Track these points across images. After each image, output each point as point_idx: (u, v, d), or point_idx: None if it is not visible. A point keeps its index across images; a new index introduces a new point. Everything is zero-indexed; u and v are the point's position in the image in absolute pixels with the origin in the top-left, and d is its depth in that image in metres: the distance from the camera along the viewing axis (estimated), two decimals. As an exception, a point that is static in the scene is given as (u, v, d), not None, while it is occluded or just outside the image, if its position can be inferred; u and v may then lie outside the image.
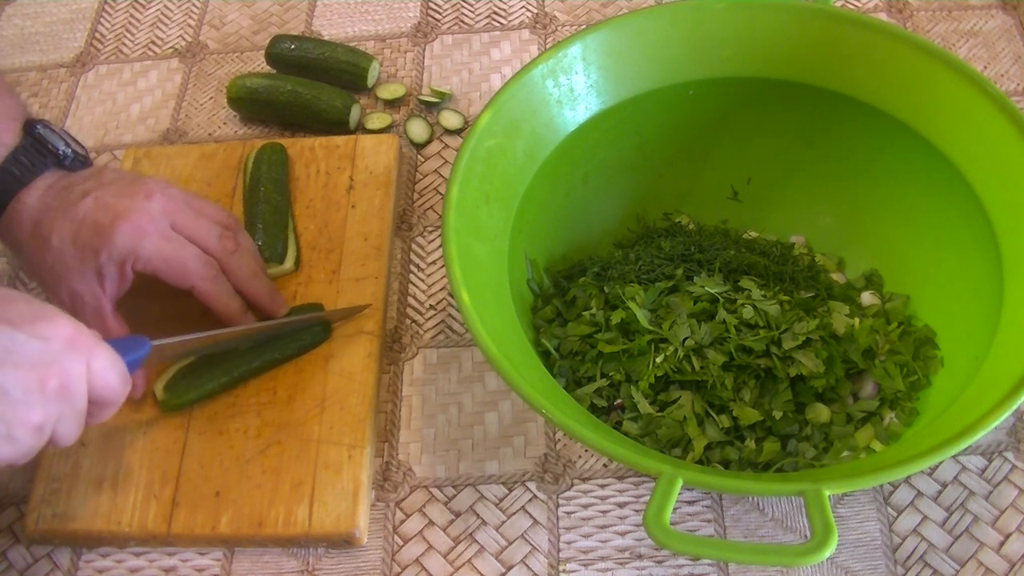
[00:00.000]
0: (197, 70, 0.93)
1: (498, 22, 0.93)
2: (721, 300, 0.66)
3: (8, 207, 0.65)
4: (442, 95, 0.87)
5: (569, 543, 0.64)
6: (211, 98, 0.91)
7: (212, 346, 0.68)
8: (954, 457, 0.65)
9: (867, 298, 0.70)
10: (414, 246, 0.79)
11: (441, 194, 0.82)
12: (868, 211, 0.72)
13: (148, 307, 0.69)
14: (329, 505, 0.64)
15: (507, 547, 0.64)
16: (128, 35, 0.97)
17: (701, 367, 0.64)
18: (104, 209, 0.64)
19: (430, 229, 0.80)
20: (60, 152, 0.66)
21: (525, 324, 0.67)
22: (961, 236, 0.65)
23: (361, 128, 0.87)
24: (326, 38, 0.93)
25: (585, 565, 0.63)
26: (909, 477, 0.65)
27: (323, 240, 0.77)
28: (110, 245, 0.63)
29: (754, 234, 0.76)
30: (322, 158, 0.82)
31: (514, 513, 0.66)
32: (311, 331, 0.70)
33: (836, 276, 0.73)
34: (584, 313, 0.68)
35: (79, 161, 0.68)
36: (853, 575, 0.61)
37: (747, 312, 0.65)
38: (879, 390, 0.65)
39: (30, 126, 0.66)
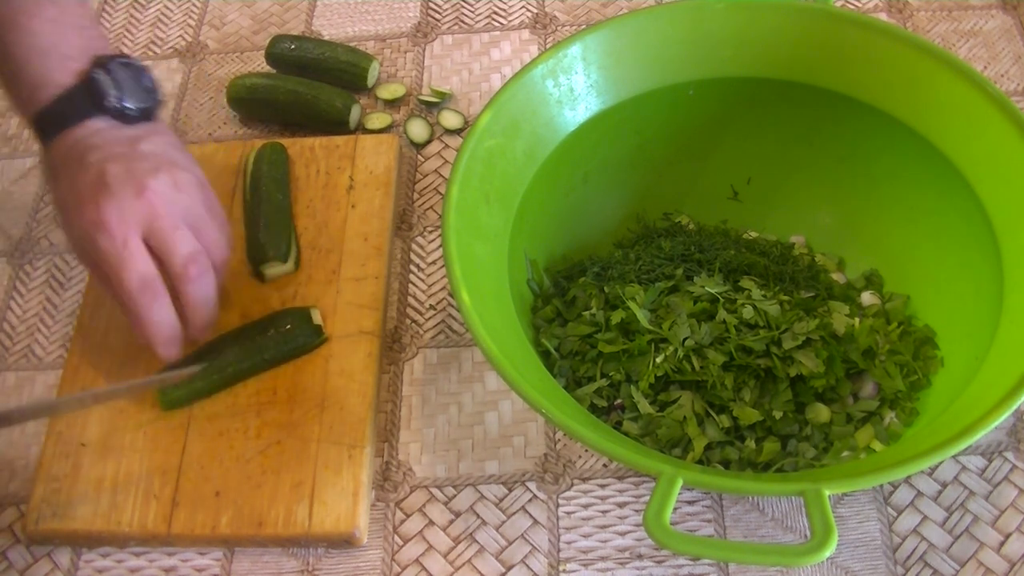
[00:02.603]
0: (197, 70, 0.93)
1: (498, 22, 0.94)
2: (721, 300, 0.66)
3: (52, 143, 0.65)
4: (442, 95, 0.87)
5: (569, 543, 0.64)
6: (211, 98, 0.91)
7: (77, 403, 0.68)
8: (954, 457, 0.65)
9: (867, 298, 0.70)
10: (414, 246, 0.79)
11: (441, 194, 0.82)
12: (868, 211, 0.72)
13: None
14: (329, 505, 0.64)
15: (507, 547, 0.64)
16: (128, 35, 0.97)
17: (701, 367, 0.64)
18: (95, 187, 0.62)
19: (430, 229, 0.80)
20: (107, 105, 0.64)
21: (525, 324, 0.67)
22: (961, 236, 0.65)
23: (361, 128, 0.87)
24: (326, 38, 0.93)
25: (585, 565, 0.63)
26: (909, 477, 0.65)
27: (323, 240, 0.77)
28: (75, 225, 0.62)
29: (754, 234, 0.76)
30: (322, 158, 0.82)
31: (514, 513, 0.66)
32: (304, 332, 0.70)
33: (836, 276, 0.73)
34: (584, 313, 0.68)
35: (130, 117, 0.66)
36: (853, 575, 0.61)
37: (747, 312, 0.65)
38: (879, 390, 0.65)
39: (97, 65, 0.65)
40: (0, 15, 0.64)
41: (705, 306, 0.66)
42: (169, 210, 0.63)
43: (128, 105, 0.65)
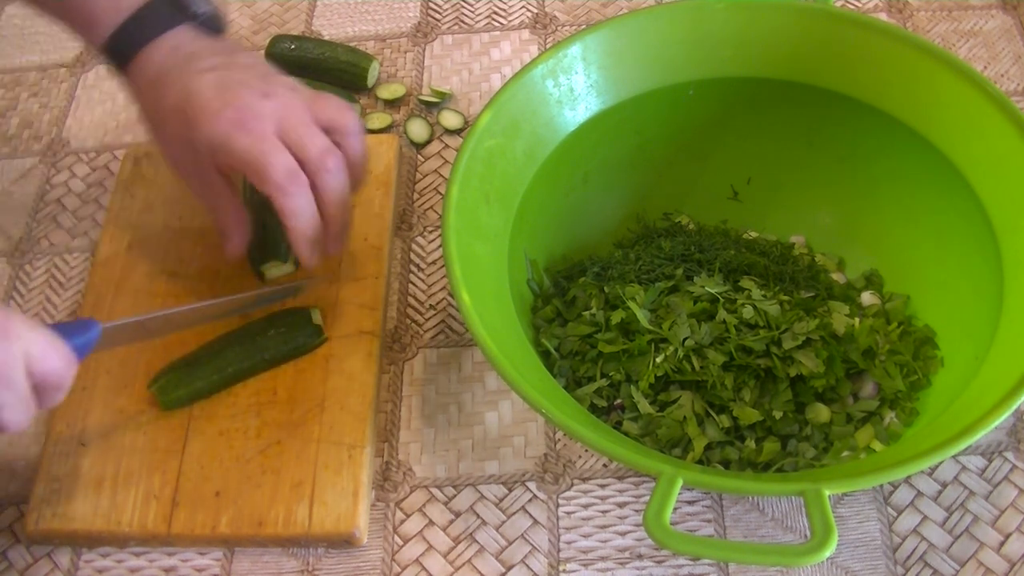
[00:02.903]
0: (197, 70, 0.93)
1: (498, 22, 0.94)
2: (721, 300, 0.66)
3: (136, 57, 0.64)
4: (442, 95, 0.87)
5: (569, 543, 0.64)
6: (211, 98, 0.91)
7: (173, 324, 0.67)
8: (954, 457, 0.65)
9: (867, 298, 0.70)
10: (414, 246, 0.79)
11: (441, 194, 0.82)
12: (868, 211, 0.72)
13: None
14: (329, 505, 0.64)
15: (507, 547, 0.64)
16: (128, 35, 0.97)
17: (701, 367, 0.64)
18: (219, 90, 0.62)
19: (430, 229, 0.80)
20: (192, 11, 0.65)
21: (525, 324, 0.67)
22: (961, 236, 0.65)
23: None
24: (326, 38, 0.93)
25: (585, 565, 0.63)
26: (909, 477, 0.65)
27: (323, 240, 0.77)
28: (208, 128, 0.62)
29: (754, 234, 0.76)
30: (322, 158, 0.81)
31: (514, 513, 0.66)
32: (304, 332, 0.70)
33: (836, 276, 0.73)
34: (584, 313, 0.68)
35: (214, 24, 0.66)
36: (853, 575, 0.61)
37: (747, 312, 0.65)
38: (879, 390, 0.65)
39: None
40: None
41: (705, 306, 0.66)
42: (296, 107, 0.63)
43: (213, 12, 0.65)
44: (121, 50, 0.65)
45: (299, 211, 0.63)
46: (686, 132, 0.73)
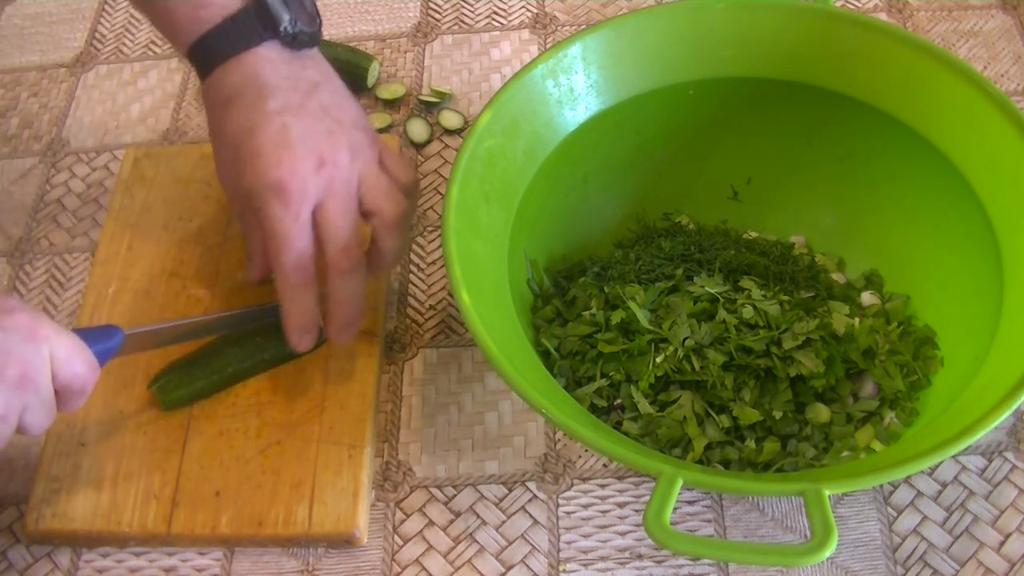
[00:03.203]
0: (197, 70, 0.93)
1: (498, 22, 0.94)
2: (721, 300, 0.66)
3: (213, 72, 0.62)
4: (442, 95, 0.88)
5: (569, 543, 0.64)
6: (211, 98, 0.91)
7: (193, 333, 0.67)
8: (954, 457, 0.65)
9: (867, 298, 0.70)
10: (414, 246, 0.79)
11: (441, 194, 0.82)
12: (868, 211, 0.72)
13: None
14: (329, 505, 0.64)
15: (507, 547, 0.64)
16: (128, 35, 0.97)
17: (701, 367, 0.64)
18: (277, 143, 0.60)
19: (430, 229, 0.80)
20: (281, 30, 0.61)
21: (525, 324, 0.67)
22: (961, 236, 0.65)
23: (361, 128, 0.87)
24: (326, 38, 0.93)
25: (585, 565, 0.63)
26: (909, 477, 0.65)
27: (323, 240, 0.77)
28: (252, 179, 0.61)
29: (754, 234, 0.76)
30: (322, 158, 0.81)
31: (514, 513, 0.66)
32: None
33: (836, 276, 0.73)
34: (584, 313, 0.68)
35: (305, 40, 0.63)
36: (853, 575, 0.61)
37: (747, 312, 0.65)
38: (879, 390, 0.65)
39: None
40: None
41: (705, 306, 0.66)
42: (344, 190, 0.61)
43: (302, 28, 0.62)
44: (200, 62, 0.63)
45: (295, 301, 0.63)
46: (686, 132, 0.73)
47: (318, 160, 0.61)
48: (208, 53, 0.62)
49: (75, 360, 0.56)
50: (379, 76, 0.90)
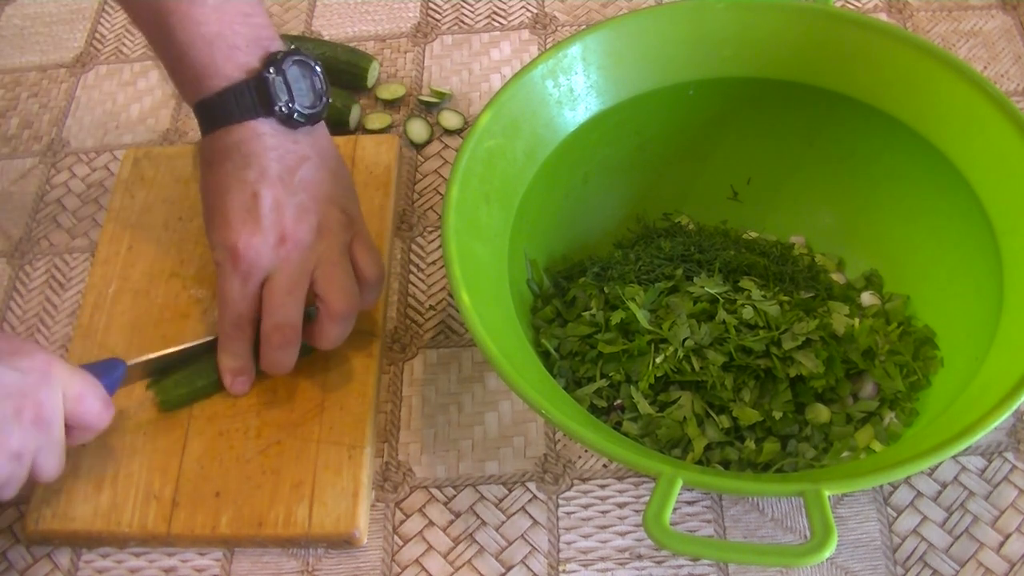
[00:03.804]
0: (197, 70, 0.93)
1: (498, 22, 0.94)
2: (721, 300, 0.66)
3: (212, 132, 0.64)
4: (442, 95, 0.87)
5: (569, 543, 0.64)
6: (211, 98, 0.91)
7: (192, 356, 0.69)
8: (954, 457, 0.65)
9: (867, 298, 0.70)
10: (414, 246, 0.79)
11: (441, 194, 0.82)
12: (868, 211, 0.72)
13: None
14: (329, 505, 0.64)
15: (507, 547, 0.64)
16: (128, 35, 0.97)
17: (701, 367, 0.64)
18: (246, 209, 0.62)
19: (430, 229, 0.80)
20: (277, 108, 0.63)
21: (525, 324, 0.67)
22: (961, 236, 0.65)
23: (361, 128, 0.87)
24: (326, 38, 0.93)
25: (585, 565, 0.63)
26: (909, 477, 0.65)
27: (323, 240, 0.77)
28: (214, 235, 0.64)
29: (754, 234, 0.76)
30: (322, 158, 0.81)
31: (514, 513, 0.66)
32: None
33: (836, 276, 0.73)
34: (584, 313, 0.68)
35: (298, 121, 0.64)
36: (853, 575, 0.61)
37: (747, 312, 0.65)
38: (879, 390, 0.65)
39: (270, 63, 0.63)
40: (160, 1, 0.63)
41: (705, 306, 0.66)
42: (297, 268, 0.63)
43: (297, 110, 0.64)
44: (201, 121, 0.65)
45: (228, 350, 0.67)
46: (686, 132, 0.73)
47: (279, 236, 0.63)
48: (207, 116, 0.64)
49: (89, 396, 0.59)
50: (379, 76, 0.90)
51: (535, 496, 0.66)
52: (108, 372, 0.63)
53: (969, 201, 0.63)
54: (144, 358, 0.67)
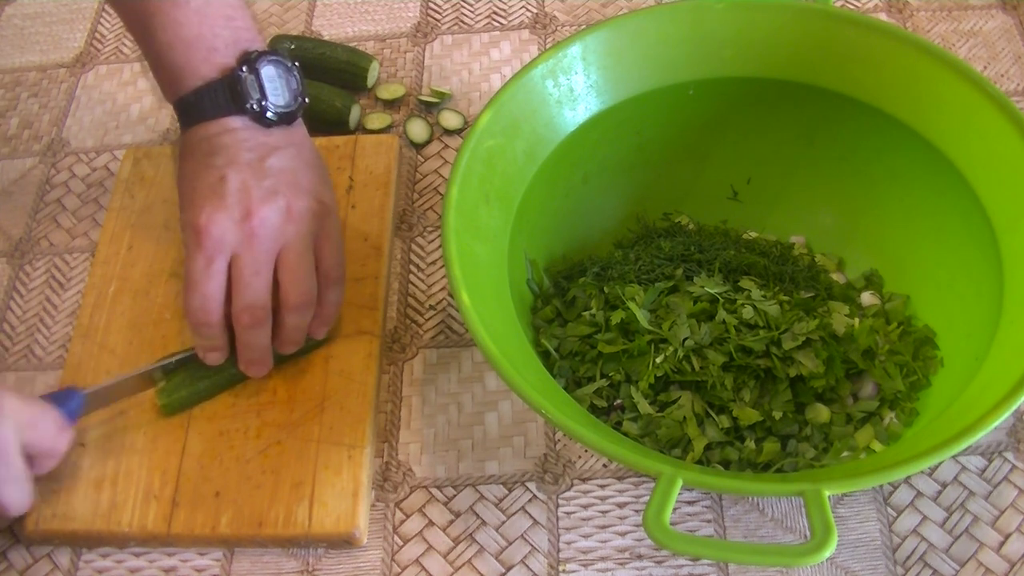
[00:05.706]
0: (197, 70, 0.93)
1: (498, 22, 0.93)
2: (721, 300, 0.66)
3: (189, 128, 0.66)
4: (442, 95, 0.87)
5: (569, 543, 0.64)
6: (211, 98, 0.91)
7: (150, 379, 0.69)
8: (954, 457, 0.65)
9: (867, 298, 0.70)
10: (414, 246, 0.79)
11: (441, 194, 0.82)
12: (868, 211, 0.72)
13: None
14: (329, 505, 0.64)
15: (507, 547, 0.64)
16: (128, 35, 0.97)
17: (701, 367, 0.64)
18: (213, 189, 0.63)
19: (430, 229, 0.80)
20: (248, 106, 0.64)
21: (525, 324, 0.67)
22: (961, 236, 0.65)
23: (361, 128, 0.87)
24: (326, 38, 0.93)
25: (585, 565, 0.63)
26: (909, 477, 0.65)
27: (323, 240, 0.77)
28: (184, 217, 0.64)
29: (754, 234, 0.76)
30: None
31: (514, 513, 0.66)
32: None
33: (836, 276, 0.73)
34: (584, 313, 0.68)
35: (270, 120, 0.65)
36: (853, 575, 0.61)
37: (747, 312, 0.65)
38: (879, 390, 0.65)
39: (244, 62, 0.64)
40: (145, 2, 0.64)
41: (705, 306, 0.66)
42: (264, 246, 0.63)
43: (269, 107, 0.65)
44: (179, 117, 0.67)
45: (199, 335, 0.65)
46: (686, 132, 0.73)
47: (244, 211, 0.63)
48: (184, 113, 0.66)
49: (41, 423, 0.59)
50: (379, 76, 0.90)
51: (535, 496, 0.66)
52: (64, 401, 0.63)
53: (969, 201, 0.63)
54: (103, 385, 0.66)
